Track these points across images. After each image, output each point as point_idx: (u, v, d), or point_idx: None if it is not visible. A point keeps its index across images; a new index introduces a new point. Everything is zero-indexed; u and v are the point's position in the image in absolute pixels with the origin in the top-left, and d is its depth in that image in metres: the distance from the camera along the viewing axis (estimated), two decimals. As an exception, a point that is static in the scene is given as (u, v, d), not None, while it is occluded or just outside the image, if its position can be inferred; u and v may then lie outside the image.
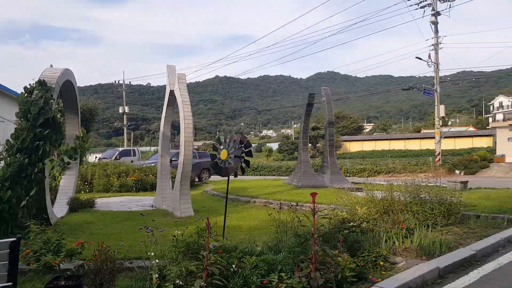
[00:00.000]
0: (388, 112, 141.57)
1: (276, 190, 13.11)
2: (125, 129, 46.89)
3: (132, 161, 21.53)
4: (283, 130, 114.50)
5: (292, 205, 9.02)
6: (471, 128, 56.31)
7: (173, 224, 6.87)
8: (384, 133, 74.71)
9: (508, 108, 65.37)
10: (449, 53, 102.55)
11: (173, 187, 10.52)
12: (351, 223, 5.79)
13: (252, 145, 18.20)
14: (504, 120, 51.37)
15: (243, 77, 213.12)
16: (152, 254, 3.99)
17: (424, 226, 6.41)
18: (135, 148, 29.43)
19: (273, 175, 27.79)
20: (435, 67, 24.80)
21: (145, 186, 15.14)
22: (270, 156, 49.59)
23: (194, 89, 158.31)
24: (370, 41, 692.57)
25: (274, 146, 57.72)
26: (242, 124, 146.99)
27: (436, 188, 7.86)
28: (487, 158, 26.25)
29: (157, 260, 4.01)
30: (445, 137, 51.65)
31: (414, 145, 49.10)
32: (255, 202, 11.13)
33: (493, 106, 71.83)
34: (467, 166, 24.31)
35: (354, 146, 52.43)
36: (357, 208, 6.72)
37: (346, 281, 4.07)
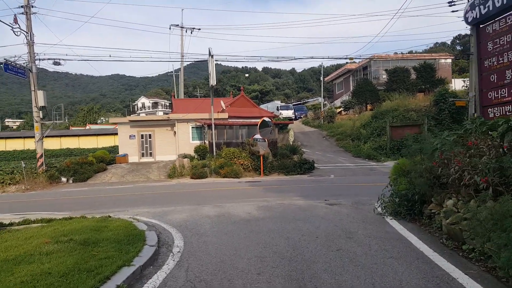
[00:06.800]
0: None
1: None
2: None
3: None
4: None
5: None
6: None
7: None
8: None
9: (149, 108, 69.94)
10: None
11: None
12: None
13: None
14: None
15: None
16: None
17: None
18: None
19: None
20: (29, 38, 18.62)
21: None
22: None
23: None
24: None
25: None
26: None
27: None
28: (106, 159, 22.84)
29: None
30: (88, 135, 48.05)
31: (54, 144, 42.98)
32: None
33: (137, 107, 75.26)
34: (77, 171, 19.70)
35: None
36: None
37: None
